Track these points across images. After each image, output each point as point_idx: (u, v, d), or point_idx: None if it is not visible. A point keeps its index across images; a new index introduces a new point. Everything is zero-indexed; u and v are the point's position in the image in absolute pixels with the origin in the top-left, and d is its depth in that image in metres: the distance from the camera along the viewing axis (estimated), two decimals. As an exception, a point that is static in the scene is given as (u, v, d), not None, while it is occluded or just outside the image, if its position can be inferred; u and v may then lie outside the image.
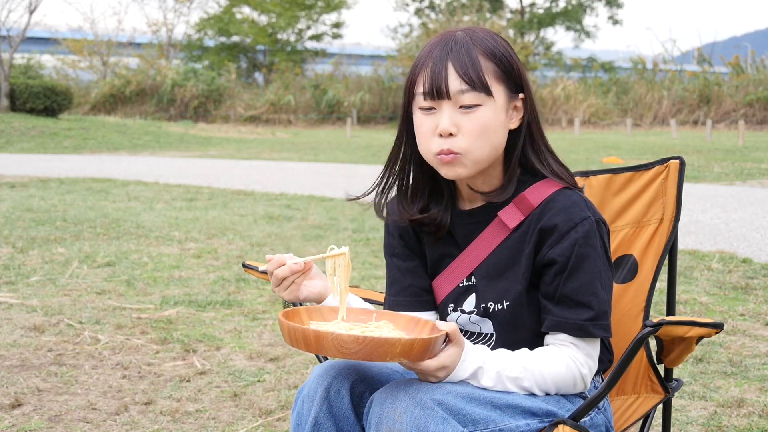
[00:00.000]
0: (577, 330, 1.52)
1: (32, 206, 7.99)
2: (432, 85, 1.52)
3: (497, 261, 1.61)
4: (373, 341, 1.31)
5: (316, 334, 1.33)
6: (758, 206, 8.03)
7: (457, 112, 1.52)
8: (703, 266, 5.08)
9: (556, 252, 1.53)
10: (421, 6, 43.37)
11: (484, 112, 1.52)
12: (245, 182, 10.89)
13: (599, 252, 1.54)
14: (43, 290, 4.57)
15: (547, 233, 1.55)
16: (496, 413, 1.44)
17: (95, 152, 17.94)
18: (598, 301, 1.53)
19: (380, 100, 33.46)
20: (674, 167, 1.87)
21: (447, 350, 1.42)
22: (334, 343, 1.31)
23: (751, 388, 3.00)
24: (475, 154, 1.53)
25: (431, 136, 1.55)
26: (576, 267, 1.52)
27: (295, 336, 1.36)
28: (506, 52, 1.56)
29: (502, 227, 1.60)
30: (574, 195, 1.58)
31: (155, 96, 32.33)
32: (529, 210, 1.58)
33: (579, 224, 1.53)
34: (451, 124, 1.52)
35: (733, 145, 17.99)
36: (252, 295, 4.46)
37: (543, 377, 1.51)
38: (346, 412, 1.51)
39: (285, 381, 3.14)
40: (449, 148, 1.52)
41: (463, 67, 1.51)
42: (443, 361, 1.41)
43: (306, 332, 1.34)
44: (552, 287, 1.54)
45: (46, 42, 36.58)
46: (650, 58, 34.53)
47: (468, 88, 1.51)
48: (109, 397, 2.97)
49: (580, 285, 1.52)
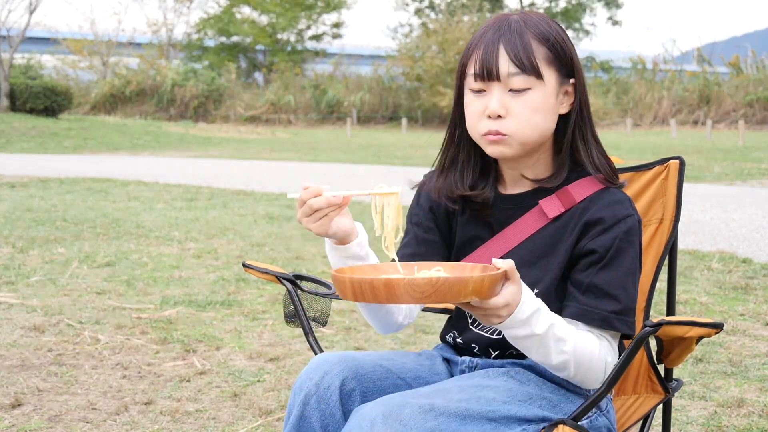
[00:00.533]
0: (600, 321, 1.51)
1: (32, 206, 7.99)
2: (483, 67, 1.53)
3: (532, 248, 1.60)
4: (447, 281, 1.27)
5: (386, 282, 1.27)
6: (758, 206, 8.03)
7: (506, 95, 1.53)
8: (703, 266, 5.09)
9: (597, 243, 1.53)
10: (421, 6, 43.37)
11: (533, 95, 1.53)
12: (245, 182, 10.89)
13: (637, 251, 1.55)
14: (43, 290, 4.57)
15: (591, 225, 1.55)
16: (490, 426, 1.42)
17: (95, 152, 17.95)
18: (627, 296, 1.53)
19: (380, 100, 33.48)
20: (674, 167, 1.87)
21: (508, 287, 1.38)
22: (407, 288, 1.26)
23: (751, 388, 3.00)
24: (522, 136, 1.54)
25: (480, 116, 1.56)
26: (612, 259, 1.53)
27: (361, 289, 1.28)
28: (559, 37, 1.56)
29: (541, 216, 1.61)
30: (620, 194, 1.59)
31: (155, 96, 32.35)
32: (571, 204, 1.59)
33: (623, 220, 1.54)
34: (501, 106, 1.53)
35: (733, 145, 17.99)
36: (252, 295, 4.46)
37: (583, 348, 1.48)
38: (333, 408, 1.50)
39: (285, 381, 3.14)
40: (497, 129, 1.54)
41: (514, 50, 1.52)
42: (507, 298, 1.36)
43: (374, 282, 1.28)
44: (584, 275, 1.54)
45: (46, 42, 36.59)
46: (650, 58, 34.54)
47: (518, 72, 1.52)
48: (109, 397, 2.97)
49: (612, 278, 1.52)
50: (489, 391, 1.49)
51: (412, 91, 33.58)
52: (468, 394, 1.46)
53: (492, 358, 1.65)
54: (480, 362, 1.65)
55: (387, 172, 12.68)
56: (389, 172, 12.62)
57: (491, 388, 1.50)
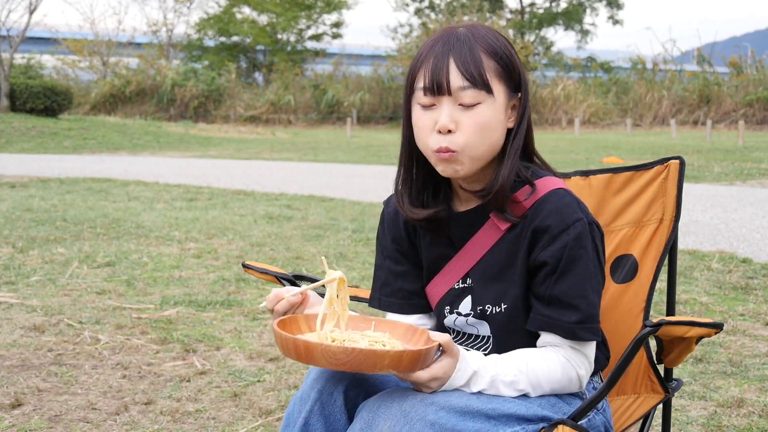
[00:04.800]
0: (564, 331, 1.51)
1: (32, 206, 7.99)
2: (433, 81, 1.50)
3: (493, 262, 1.60)
4: (362, 353, 1.30)
5: (306, 345, 1.33)
6: (758, 206, 8.03)
7: (456, 109, 1.50)
8: (703, 266, 5.08)
9: (547, 254, 1.51)
10: (421, 6, 43.36)
11: (484, 110, 1.50)
12: (245, 182, 10.89)
13: (591, 255, 1.52)
14: (43, 290, 4.57)
15: (540, 234, 1.53)
16: (490, 424, 1.43)
17: (95, 152, 17.95)
18: (587, 304, 1.51)
19: (380, 100, 33.45)
20: (674, 167, 1.87)
21: (440, 361, 1.41)
22: (323, 354, 1.31)
23: (751, 388, 3.00)
24: (473, 151, 1.51)
25: (430, 132, 1.52)
26: (566, 269, 1.50)
27: (287, 345, 1.35)
28: (507, 50, 1.54)
29: (495, 228, 1.59)
30: (567, 196, 1.55)
31: (155, 96, 32.33)
32: (522, 211, 1.56)
33: (571, 226, 1.51)
34: (450, 120, 1.50)
35: (733, 145, 17.99)
36: (252, 295, 4.46)
37: (538, 379, 1.50)
38: (338, 415, 1.50)
39: (285, 381, 3.14)
40: (447, 146, 1.50)
41: (464, 64, 1.49)
42: (435, 372, 1.40)
43: (297, 342, 1.34)
44: (542, 288, 1.53)
45: (46, 42, 36.60)
46: (650, 58, 34.53)
47: (469, 85, 1.49)
48: (109, 397, 2.97)
49: (570, 287, 1.50)
50: None
51: (412, 92, 33.53)
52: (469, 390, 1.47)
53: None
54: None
55: (387, 172, 12.68)
56: (389, 172, 12.61)
57: None
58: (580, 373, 1.54)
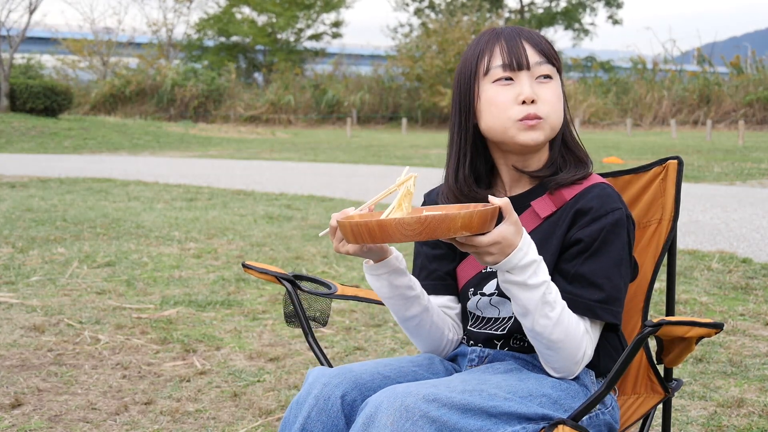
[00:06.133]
0: (584, 309, 1.53)
1: (32, 206, 8.00)
2: (511, 57, 1.59)
3: None
4: (435, 218, 1.33)
5: (379, 223, 1.34)
6: (758, 206, 8.03)
7: (534, 83, 1.60)
8: (703, 266, 5.08)
9: (585, 233, 1.57)
10: (420, 6, 43.38)
11: (555, 84, 1.62)
12: (245, 182, 10.89)
13: (624, 242, 1.58)
14: (43, 290, 4.57)
15: (581, 215, 1.58)
16: (491, 422, 1.43)
17: (95, 152, 17.95)
18: (612, 286, 1.55)
19: (380, 100, 33.47)
20: (672, 167, 1.87)
21: (501, 226, 1.41)
22: (398, 227, 1.33)
23: (751, 388, 3.00)
24: (553, 121, 1.61)
25: (511, 104, 1.59)
26: (598, 250, 1.55)
27: (358, 230, 1.36)
28: (548, 40, 1.67)
29: (534, 217, 1.64)
30: (610, 189, 1.62)
31: (155, 96, 32.35)
32: (563, 202, 1.62)
33: (611, 212, 1.57)
34: (533, 92, 1.59)
35: (733, 145, 17.99)
36: (252, 295, 4.46)
37: (568, 325, 1.50)
38: (336, 418, 1.49)
39: (285, 381, 3.14)
40: (535, 113, 1.58)
41: (537, 44, 1.61)
42: (495, 236, 1.41)
43: (369, 224, 1.35)
44: (570, 265, 1.57)
45: (46, 42, 36.62)
46: (650, 58, 34.54)
47: (544, 60, 1.60)
48: (109, 397, 2.98)
49: (598, 267, 1.55)
50: (491, 387, 1.49)
51: (412, 91, 33.60)
52: (471, 387, 1.47)
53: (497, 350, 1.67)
54: (491, 352, 1.67)
55: (387, 172, 12.68)
56: (389, 171, 12.62)
57: (493, 383, 1.51)
58: (587, 352, 1.55)
